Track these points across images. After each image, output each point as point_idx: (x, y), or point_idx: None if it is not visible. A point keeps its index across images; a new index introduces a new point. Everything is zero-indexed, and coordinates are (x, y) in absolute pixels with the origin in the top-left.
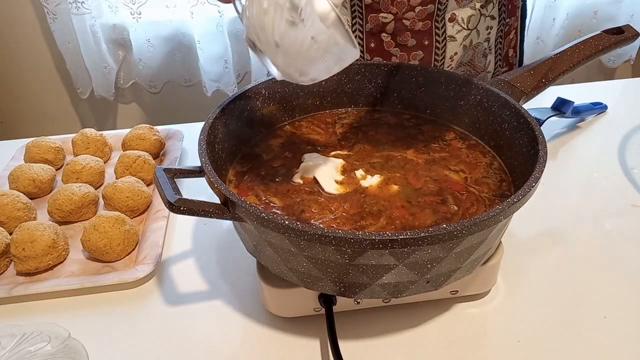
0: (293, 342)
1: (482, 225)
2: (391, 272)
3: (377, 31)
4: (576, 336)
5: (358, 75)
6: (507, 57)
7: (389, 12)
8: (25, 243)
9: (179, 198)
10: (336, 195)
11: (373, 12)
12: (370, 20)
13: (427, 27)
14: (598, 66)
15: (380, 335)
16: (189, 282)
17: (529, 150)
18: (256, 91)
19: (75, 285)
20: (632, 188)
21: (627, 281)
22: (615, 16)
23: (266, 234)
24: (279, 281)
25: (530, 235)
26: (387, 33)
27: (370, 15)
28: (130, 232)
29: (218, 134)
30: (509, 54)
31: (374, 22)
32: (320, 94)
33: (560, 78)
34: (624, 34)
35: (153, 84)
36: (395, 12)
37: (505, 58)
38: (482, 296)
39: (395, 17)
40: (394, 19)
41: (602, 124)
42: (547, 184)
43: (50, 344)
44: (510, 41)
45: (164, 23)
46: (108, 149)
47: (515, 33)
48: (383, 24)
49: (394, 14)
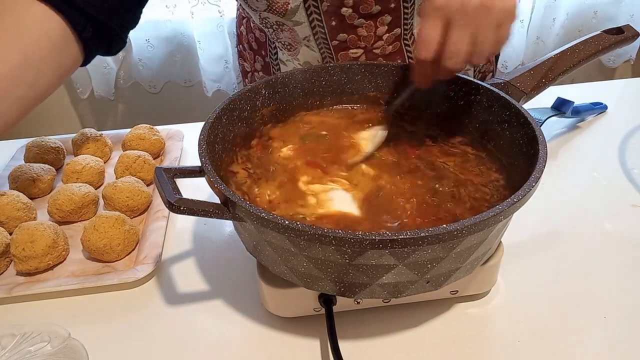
0: (293, 342)
1: (482, 225)
2: (391, 272)
3: None
4: (576, 336)
5: (358, 75)
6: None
7: (358, 47)
8: (25, 243)
9: (179, 198)
10: None
11: (342, 50)
12: (341, 58)
13: (397, 47)
14: (598, 66)
15: (380, 335)
16: (189, 282)
17: (529, 150)
18: (256, 91)
19: (75, 285)
20: (632, 188)
21: (627, 281)
22: (615, 16)
23: (266, 234)
24: (279, 281)
25: (530, 235)
26: None
27: (340, 54)
28: (130, 232)
29: (218, 134)
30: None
31: (345, 58)
32: (320, 94)
33: (560, 78)
34: (624, 34)
35: (153, 84)
36: (364, 45)
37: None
38: (482, 296)
39: (365, 49)
40: (364, 51)
41: (602, 124)
42: (547, 184)
43: (50, 344)
44: None
45: (164, 23)
46: (108, 149)
47: None
48: (354, 58)
49: (363, 47)
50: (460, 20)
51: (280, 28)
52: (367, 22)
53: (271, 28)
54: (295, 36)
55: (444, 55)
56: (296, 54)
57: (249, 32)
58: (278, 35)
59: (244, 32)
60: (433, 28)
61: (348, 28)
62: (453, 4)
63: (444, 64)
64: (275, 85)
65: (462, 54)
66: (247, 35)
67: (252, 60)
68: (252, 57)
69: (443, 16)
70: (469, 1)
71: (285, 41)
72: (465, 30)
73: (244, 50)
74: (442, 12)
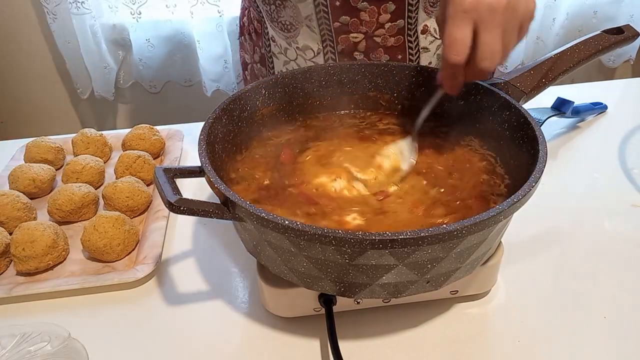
0: (293, 342)
1: (482, 225)
2: (391, 272)
3: (349, 51)
4: (576, 336)
5: (358, 75)
6: None
7: (359, 31)
8: (25, 243)
9: (179, 198)
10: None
11: (343, 34)
12: (341, 41)
13: (399, 42)
14: (598, 66)
15: (380, 335)
16: (189, 282)
17: (529, 150)
18: (256, 91)
19: (75, 285)
20: (632, 188)
21: (627, 281)
22: (615, 16)
23: (266, 234)
24: (279, 281)
25: (530, 235)
26: (359, 51)
27: (340, 37)
28: (130, 232)
29: (218, 134)
30: None
31: (345, 43)
32: (320, 94)
33: (560, 78)
34: (624, 34)
35: (153, 84)
36: (365, 31)
37: None
38: (482, 296)
39: (366, 35)
40: (365, 37)
41: (602, 124)
42: (547, 184)
43: (50, 344)
44: None
45: (164, 23)
46: (108, 149)
47: None
48: (354, 43)
49: (364, 33)
50: (491, 22)
51: (283, 4)
52: (370, 7)
53: (274, 4)
54: (298, 14)
55: (478, 56)
56: (295, 35)
57: (249, 23)
58: (279, 14)
59: (246, 23)
60: (463, 30)
61: (351, 10)
62: (482, 6)
63: (479, 66)
64: (275, 85)
65: (498, 54)
66: (248, 26)
67: (251, 52)
68: (251, 48)
69: (472, 18)
70: (497, 3)
71: (286, 20)
72: (497, 31)
73: (245, 42)
74: (471, 15)
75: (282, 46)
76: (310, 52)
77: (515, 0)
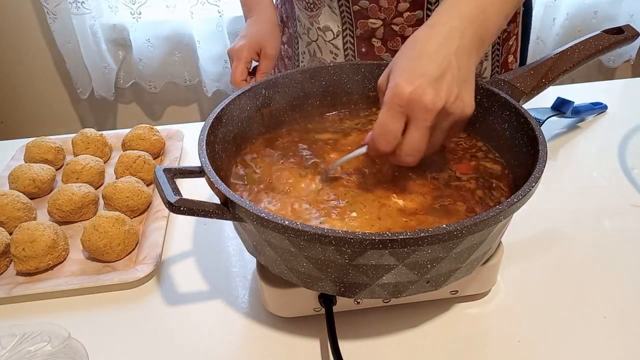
0: (293, 342)
1: (482, 225)
2: (391, 272)
3: (368, 36)
4: (576, 336)
5: (358, 75)
6: (507, 63)
7: (377, 17)
8: (25, 243)
9: (179, 198)
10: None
11: (362, 18)
12: (360, 26)
13: None
14: (598, 66)
15: (380, 335)
16: (189, 282)
17: (529, 150)
18: (256, 91)
19: (75, 285)
20: (632, 188)
21: (627, 281)
22: (615, 16)
23: (266, 234)
24: (279, 281)
25: (530, 235)
26: (377, 38)
27: (359, 21)
28: (130, 232)
29: (218, 134)
30: (508, 60)
31: (364, 28)
32: (320, 94)
33: (560, 78)
34: (624, 34)
35: (153, 84)
36: (384, 17)
37: (504, 64)
38: (482, 296)
39: (384, 22)
40: (383, 24)
41: (602, 124)
42: (547, 184)
43: (50, 344)
44: (509, 47)
45: (164, 23)
46: (108, 149)
47: (516, 39)
48: (372, 29)
49: (382, 20)
50: (423, 122)
51: None
52: None
53: None
54: None
55: (402, 151)
56: (318, 15)
57: (282, 5)
58: None
59: (279, 5)
60: (396, 124)
61: None
62: (418, 105)
63: (400, 159)
64: (276, 85)
65: (420, 153)
66: (281, 7)
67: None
68: (281, 29)
69: (406, 113)
70: (433, 104)
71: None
72: (426, 131)
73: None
74: (406, 110)
75: (306, 26)
76: (330, 34)
77: (451, 106)
